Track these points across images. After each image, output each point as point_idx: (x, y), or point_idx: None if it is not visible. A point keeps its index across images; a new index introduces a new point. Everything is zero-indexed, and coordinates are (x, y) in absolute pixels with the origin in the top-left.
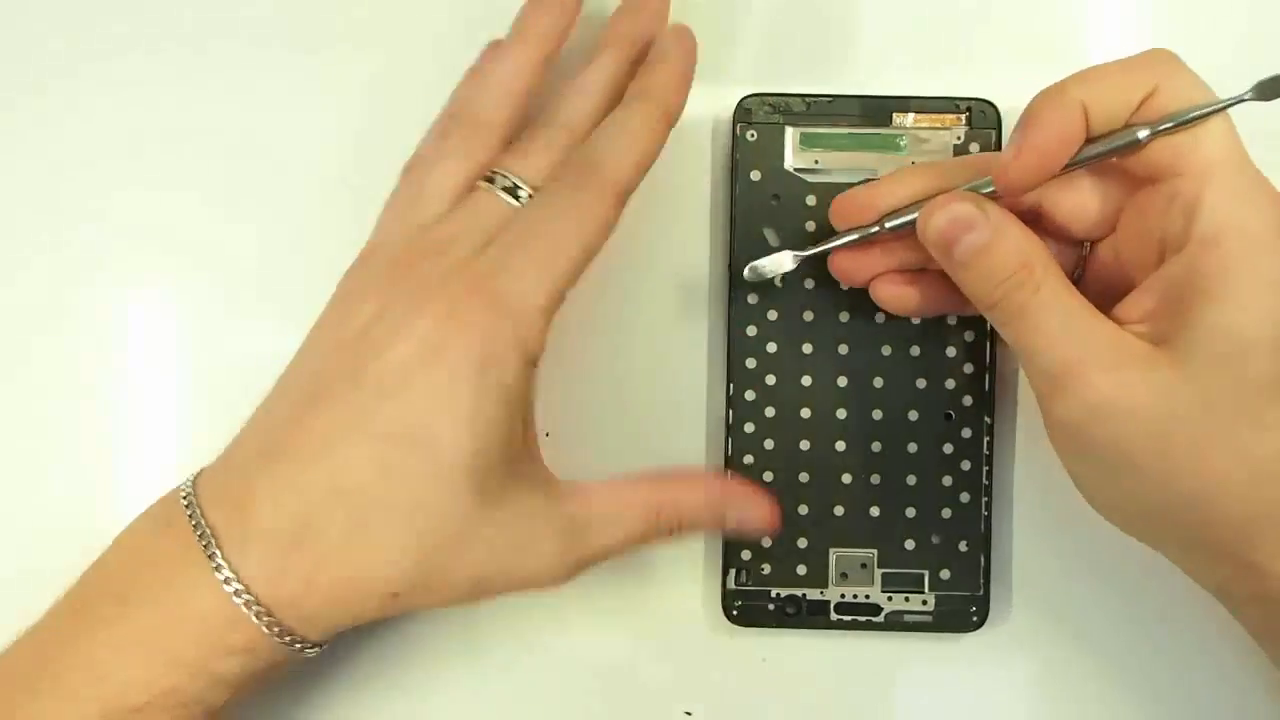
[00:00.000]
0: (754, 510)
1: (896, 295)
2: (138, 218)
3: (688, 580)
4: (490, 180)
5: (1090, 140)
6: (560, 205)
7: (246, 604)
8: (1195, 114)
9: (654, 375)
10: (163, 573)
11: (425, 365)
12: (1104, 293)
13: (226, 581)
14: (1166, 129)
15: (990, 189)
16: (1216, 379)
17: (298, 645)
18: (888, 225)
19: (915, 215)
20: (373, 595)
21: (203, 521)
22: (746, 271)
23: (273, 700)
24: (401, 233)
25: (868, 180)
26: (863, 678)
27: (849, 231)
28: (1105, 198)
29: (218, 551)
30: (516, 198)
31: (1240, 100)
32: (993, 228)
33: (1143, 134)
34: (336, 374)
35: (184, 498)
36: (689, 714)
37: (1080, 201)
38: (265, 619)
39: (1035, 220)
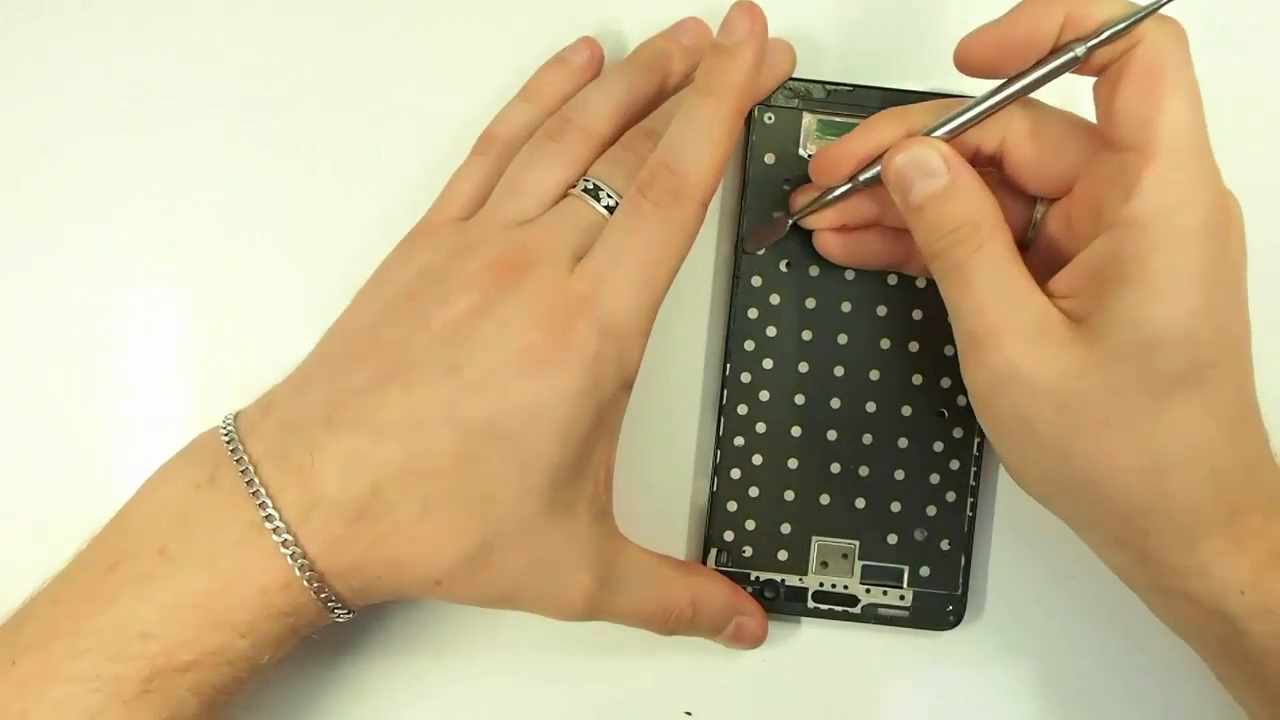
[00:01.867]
0: (751, 626)
1: (828, 243)
2: (138, 217)
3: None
4: (591, 192)
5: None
6: (652, 224)
7: (301, 568)
8: (1130, 20)
9: (652, 351)
10: (214, 532)
11: (529, 375)
12: (1051, 258)
13: (285, 544)
14: (1101, 40)
15: (956, 120)
16: (1123, 366)
17: (338, 611)
18: (861, 179)
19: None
20: (420, 579)
21: (258, 481)
22: (741, 242)
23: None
24: (497, 224)
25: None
26: (836, 668)
27: (832, 189)
28: (1070, 155)
29: (277, 517)
30: (599, 200)
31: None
32: (950, 178)
33: (1079, 49)
34: (424, 354)
35: (229, 447)
36: (689, 714)
37: (1046, 151)
38: (316, 583)
39: (996, 167)
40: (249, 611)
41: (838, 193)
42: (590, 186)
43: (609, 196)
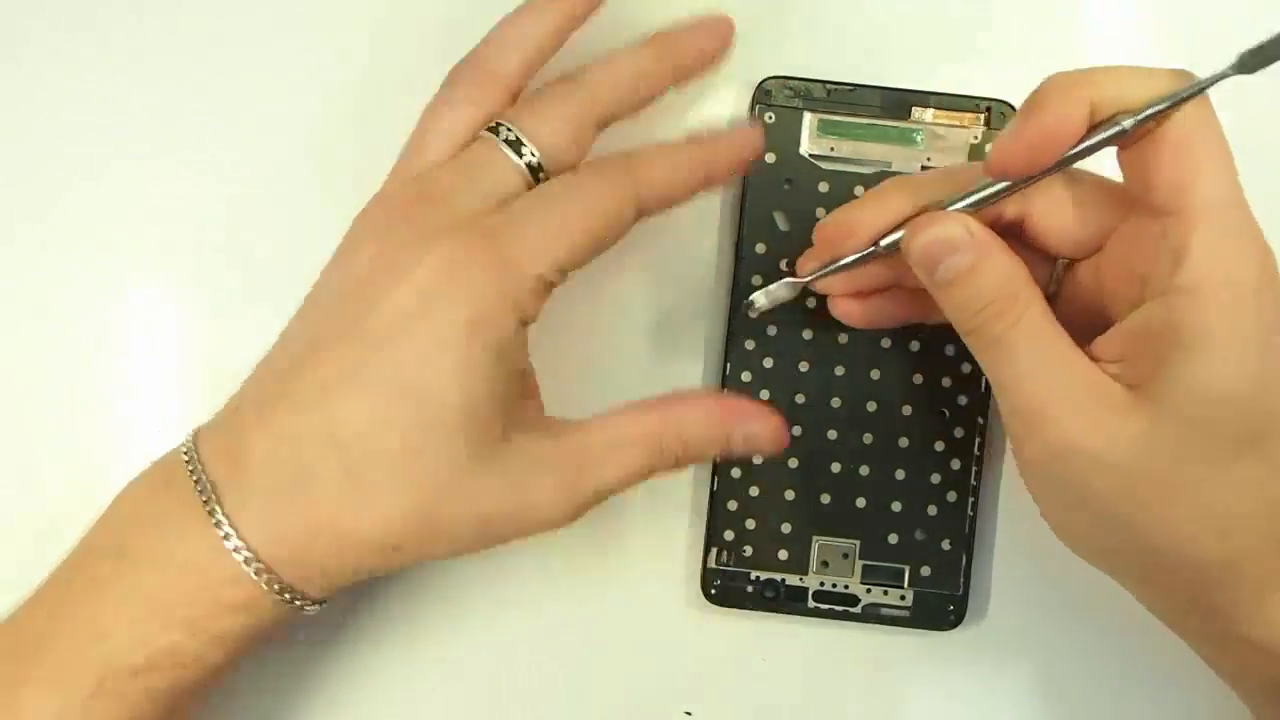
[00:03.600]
0: (760, 426)
1: (848, 310)
2: (138, 215)
3: (669, 557)
4: (494, 131)
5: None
6: (584, 188)
7: (246, 560)
8: (1177, 98)
9: (652, 347)
10: (162, 529)
11: (420, 316)
12: (1079, 312)
13: (226, 537)
14: (1147, 115)
15: (980, 195)
16: (1188, 433)
17: (297, 602)
18: (882, 245)
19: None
20: (372, 547)
21: (204, 477)
22: (746, 307)
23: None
24: (401, 179)
25: (880, 172)
26: (837, 668)
27: (843, 255)
28: (1095, 217)
29: (217, 507)
30: (519, 154)
31: (1223, 76)
32: (977, 252)
33: (1126, 121)
34: (335, 323)
35: (185, 454)
36: (689, 714)
37: (1071, 217)
38: (264, 575)
39: (1019, 232)
40: (199, 606)
41: (848, 260)
42: (512, 138)
43: (531, 154)
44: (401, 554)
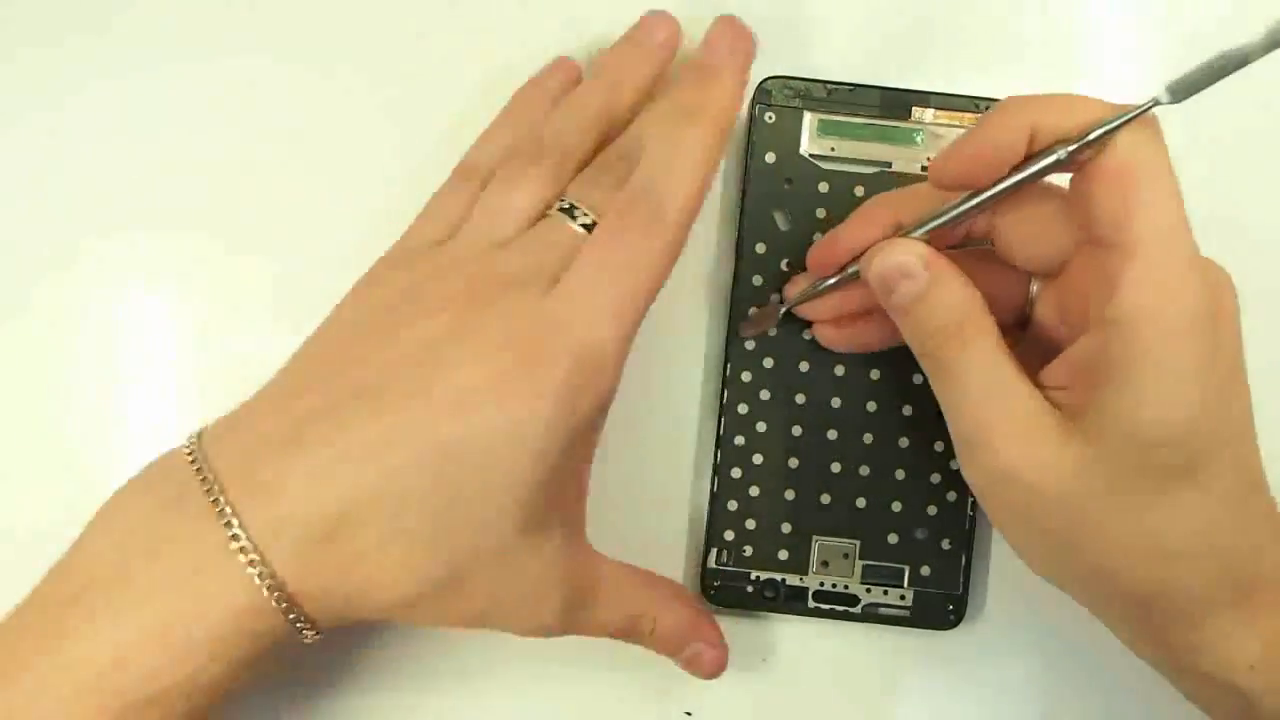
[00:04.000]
0: (709, 655)
1: (829, 336)
2: (139, 215)
3: (669, 557)
4: (567, 212)
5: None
6: (632, 250)
7: (270, 591)
8: (1109, 125)
9: (651, 354)
10: (180, 555)
11: (502, 397)
12: (1045, 337)
13: (253, 565)
14: (1082, 144)
15: (945, 216)
16: (1119, 464)
17: (304, 631)
18: (851, 270)
19: None
20: (390, 602)
21: (224, 502)
22: (742, 328)
23: None
24: (474, 247)
25: (880, 172)
26: (837, 667)
27: (823, 279)
28: (1059, 238)
29: (245, 538)
30: (575, 219)
31: (1150, 106)
32: (930, 279)
33: (1062, 151)
34: (397, 376)
35: (192, 462)
36: (689, 714)
37: (1034, 235)
38: (285, 606)
39: (991, 242)
40: (218, 634)
41: (826, 284)
42: (566, 206)
43: (584, 215)
44: (409, 613)
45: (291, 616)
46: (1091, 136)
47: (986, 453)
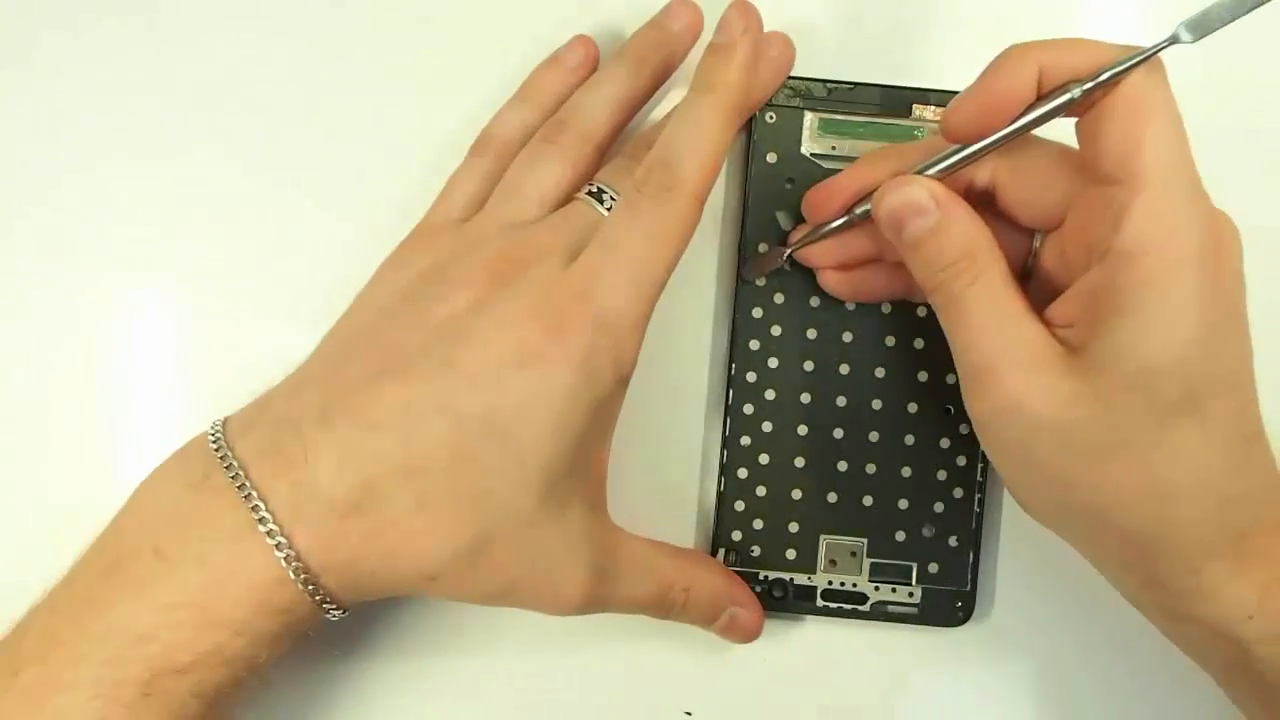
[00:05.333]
0: (747, 616)
1: (833, 281)
2: (140, 217)
3: None
4: (596, 195)
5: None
6: (648, 220)
7: (295, 569)
8: (1122, 65)
9: (657, 352)
10: (207, 531)
11: (524, 369)
12: (1049, 288)
13: (279, 547)
14: (1096, 83)
15: (948, 160)
16: (1121, 396)
17: (329, 609)
18: (858, 212)
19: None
20: (415, 574)
21: (245, 478)
22: (745, 270)
23: None
24: (497, 224)
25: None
26: (847, 666)
27: (827, 223)
28: (1058, 189)
29: (268, 516)
30: (603, 203)
31: (1166, 45)
32: (941, 213)
33: (1075, 90)
34: (420, 350)
35: (215, 447)
36: (689, 714)
37: (1034, 186)
38: (305, 579)
39: (989, 203)
40: (244, 609)
41: (831, 227)
42: (595, 190)
43: (612, 199)
44: (433, 586)
45: (314, 592)
46: (1105, 75)
47: (991, 382)
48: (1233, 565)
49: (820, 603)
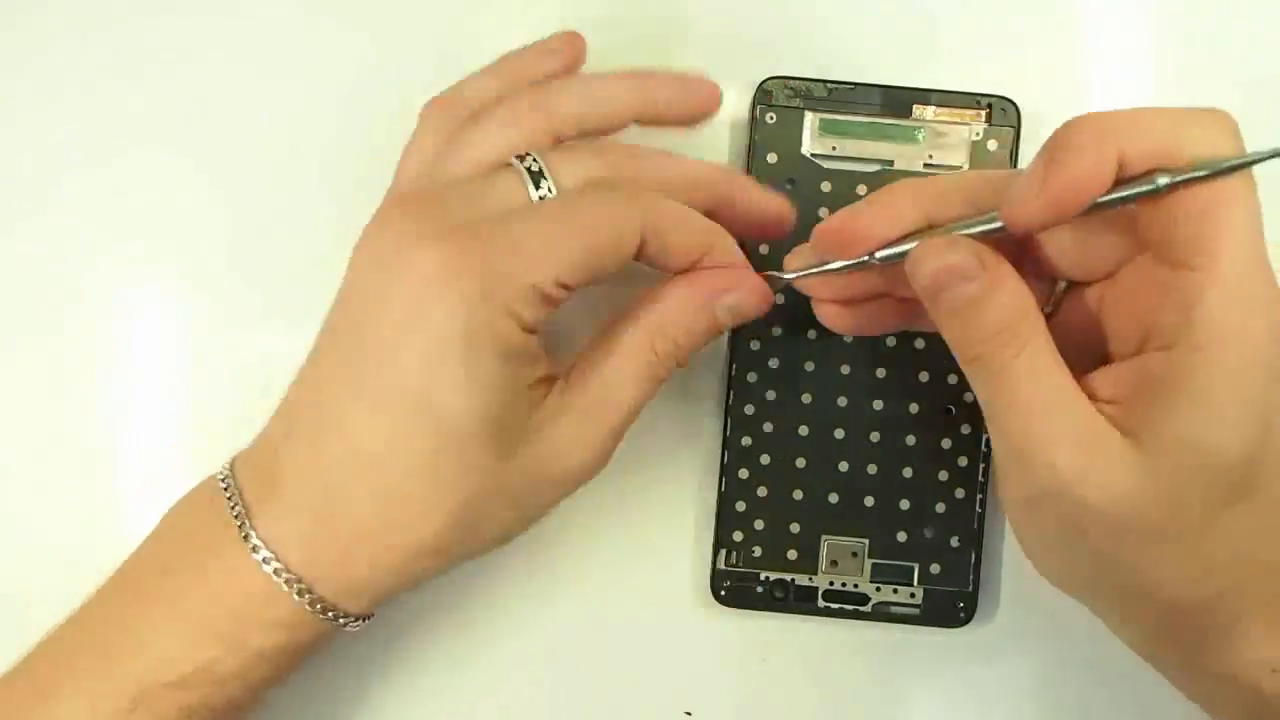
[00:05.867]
0: (741, 295)
1: (832, 315)
2: (139, 218)
3: (678, 559)
4: (534, 175)
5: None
6: (589, 201)
7: (286, 580)
8: (1224, 166)
9: None
10: (201, 547)
11: (412, 329)
12: (1075, 334)
13: (265, 561)
14: (1188, 179)
15: (990, 225)
16: (1181, 484)
17: (340, 620)
18: (878, 257)
19: (908, 248)
20: (416, 554)
21: (239, 498)
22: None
23: None
24: (420, 182)
25: (882, 170)
26: (849, 667)
27: (841, 260)
28: (1106, 248)
29: (251, 529)
30: (538, 186)
31: (1273, 155)
32: (989, 281)
33: (1162, 180)
34: (342, 336)
35: (222, 476)
36: (689, 714)
37: (1080, 243)
38: (305, 594)
39: (1022, 250)
40: (237, 622)
41: (837, 266)
42: (536, 169)
43: (549, 189)
44: (445, 557)
45: (312, 603)
46: (1203, 173)
47: (1039, 463)
48: (1262, 625)
49: (821, 603)
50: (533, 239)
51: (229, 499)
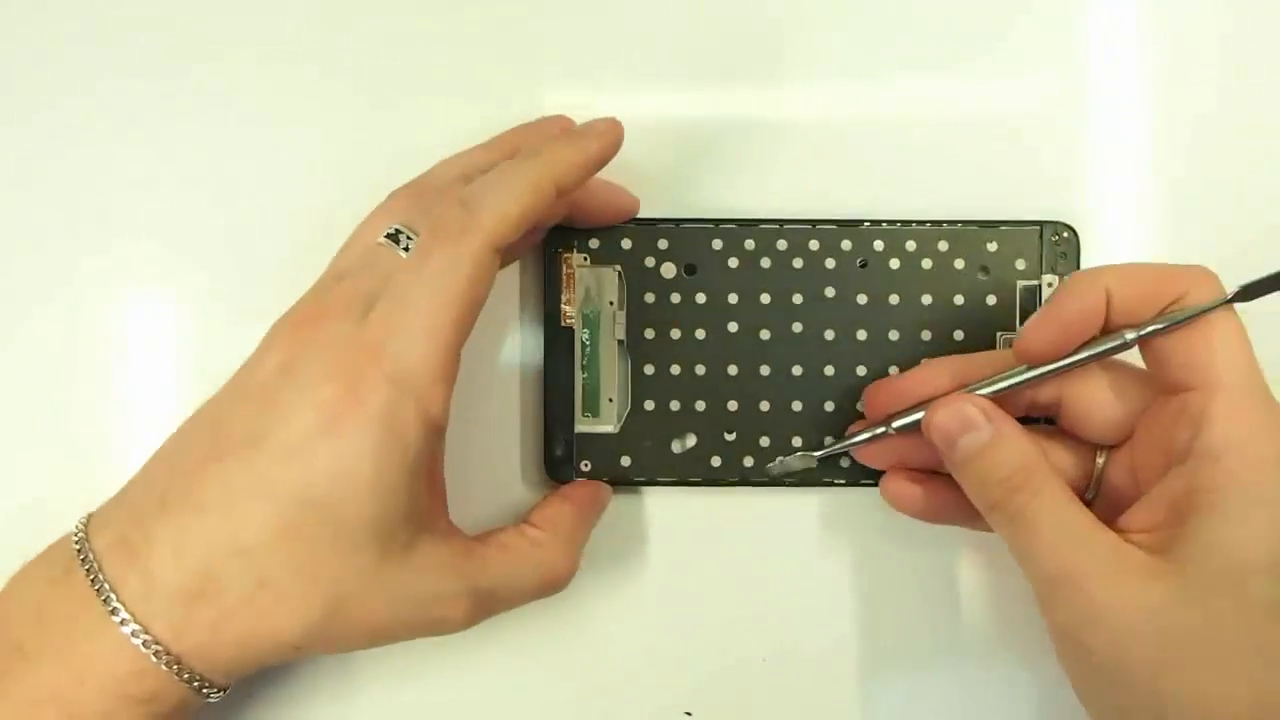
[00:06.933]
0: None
1: (902, 493)
2: (138, 220)
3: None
4: (393, 237)
5: (1089, 342)
6: (438, 265)
7: (156, 655)
8: (1180, 317)
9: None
10: (67, 626)
11: (326, 435)
12: (1117, 502)
13: (134, 635)
14: (1150, 331)
15: (1008, 381)
16: (1216, 597)
17: (205, 690)
18: (894, 426)
19: (921, 415)
20: (275, 646)
21: (99, 572)
22: (772, 466)
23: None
24: (320, 285)
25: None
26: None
27: (863, 431)
28: (1124, 405)
29: (120, 606)
30: (399, 244)
31: (1222, 302)
32: (994, 430)
33: (1130, 335)
34: (240, 430)
35: (76, 545)
36: (689, 714)
37: (1098, 403)
38: (174, 666)
39: (1053, 416)
40: (106, 702)
41: (860, 439)
42: (393, 231)
43: (409, 239)
44: (301, 652)
45: (185, 677)
46: (1158, 326)
47: (1073, 591)
48: None
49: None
50: (417, 328)
51: (87, 570)
